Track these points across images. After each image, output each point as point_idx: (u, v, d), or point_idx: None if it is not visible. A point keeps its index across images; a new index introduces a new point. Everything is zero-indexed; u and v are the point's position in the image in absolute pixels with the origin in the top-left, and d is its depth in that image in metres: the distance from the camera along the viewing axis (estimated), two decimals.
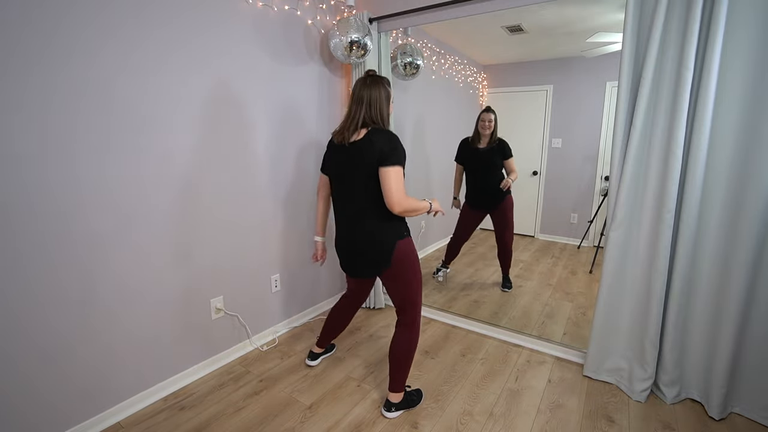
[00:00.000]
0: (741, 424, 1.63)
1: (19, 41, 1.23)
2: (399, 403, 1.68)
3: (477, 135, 2.85)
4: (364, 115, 1.48)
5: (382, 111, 1.50)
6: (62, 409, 1.46)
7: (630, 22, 1.58)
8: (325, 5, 2.33)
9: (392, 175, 1.40)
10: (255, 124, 2.03)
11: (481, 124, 2.81)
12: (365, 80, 1.51)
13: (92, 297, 1.51)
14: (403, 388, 1.67)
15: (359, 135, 1.48)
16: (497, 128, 2.80)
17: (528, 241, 3.72)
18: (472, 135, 2.88)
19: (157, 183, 1.65)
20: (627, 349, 1.83)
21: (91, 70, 1.41)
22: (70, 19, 1.34)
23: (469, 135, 2.90)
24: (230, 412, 1.69)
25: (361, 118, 1.48)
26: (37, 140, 1.30)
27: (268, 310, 2.27)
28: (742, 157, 1.50)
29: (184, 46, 1.67)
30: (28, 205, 1.31)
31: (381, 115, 1.50)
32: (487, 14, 2.01)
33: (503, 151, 2.78)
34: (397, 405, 1.67)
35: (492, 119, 2.77)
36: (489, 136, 2.80)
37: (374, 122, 1.49)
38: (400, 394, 1.67)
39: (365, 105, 1.48)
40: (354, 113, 1.50)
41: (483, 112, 2.80)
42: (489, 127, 2.78)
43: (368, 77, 1.51)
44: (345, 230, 1.59)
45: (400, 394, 1.67)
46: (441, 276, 3.12)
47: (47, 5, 1.28)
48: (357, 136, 1.48)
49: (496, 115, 2.79)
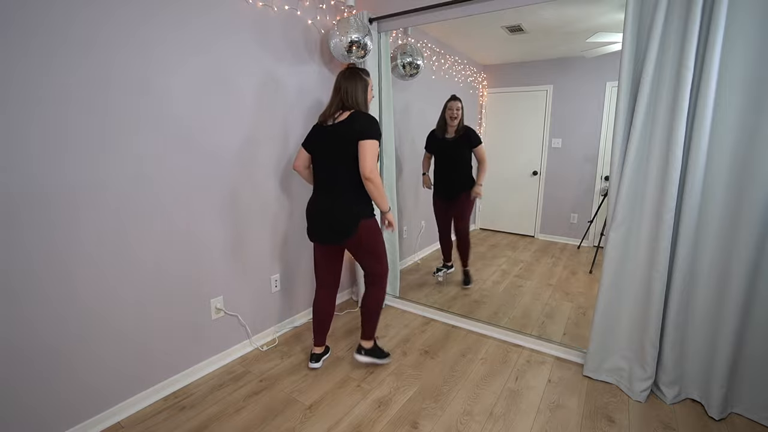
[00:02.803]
0: (741, 424, 1.63)
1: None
2: (369, 350, 1.96)
3: (444, 124, 2.79)
4: (342, 100, 1.73)
5: (358, 98, 1.74)
6: (62, 408, 1.46)
7: (630, 22, 1.58)
8: (325, 5, 2.33)
9: (368, 147, 1.65)
10: (255, 125, 2.03)
11: (448, 113, 2.75)
12: (344, 73, 1.76)
13: (92, 297, 1.51)
14: (372, 336, 1.96)
15: (342, 116, 1.72)
16: (464, 117, 2.76)
17: (528, 241, 3.71)
18: (437, 124, 2.82)
19: (158, 183, 1.66)
20: (627, 349, 1.83)
21: (73, 77, 1.41)
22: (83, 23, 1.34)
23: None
24: (230, 412, 1.69)
25: (338, 103, 1.73)
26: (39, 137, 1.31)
27: (268, 310, 2.27)
28: (742, 157, 1.50)
29: (182, 46, 1.67)
30: (34, 199, 1.31)
31: (357, 101, 1.73)
32: (487, 14, 2.01)
33: (469, 139, 2.72)
34: (366, 351, 1.95)
35: (459, 107, 2.73)
36: (456, 126, 2.74)
37: (350, 107, 1.72)
38: (371, 341, 1.96)
39: (342, 93, 1.73)
40: (333, 100, 1.76)
41: (450, 101, 2.75)
42: (456, 116, 2.73)
43: (347, 70, 1.76)
44: (321, 199, 1.77)
45: (370, 341, 1.96)
46: (441, 276, 3.12)
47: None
48: (340, 118, 1.72)
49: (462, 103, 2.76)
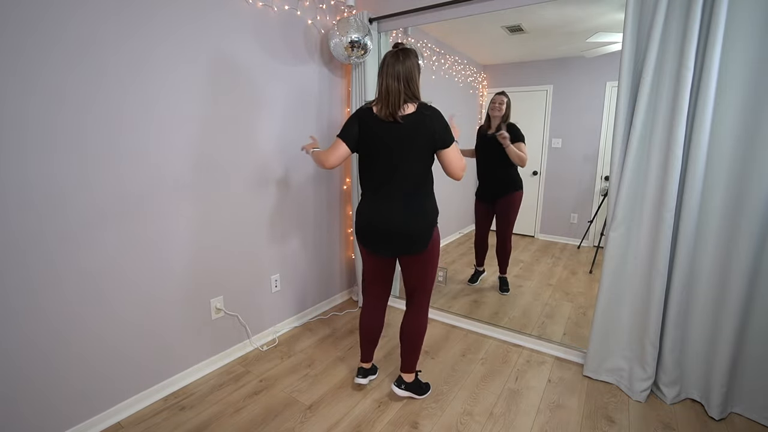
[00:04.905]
0: (741, 424, 1.63)
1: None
2: (409, 384, 1.74)
3: (488, 119, 2.73)
4: (404, 90, 1.45)
5: (418, 84, 1.50)
6: (62, 409, 1.46)
7: (630, 22, 1.58)
8: (325, 5, 2.33)
9: (456, 150, 1.50)
10: (255, 126, 2.03)
11: (491, 106, 2.67)
12: (397, 55, 1.46)
13: (91, 297, 1.51)
14: (415, 369, 1.74)
15: (408, 109, 1.47)
16: (509, 113, 2.64)
17: (528, 241, 3.71)
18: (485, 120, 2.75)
19: (159, 183, 1.65)
20: (627, 349, 1.83)
21: (70, 74, 1.41)
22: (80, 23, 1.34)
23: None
24: (230, 412, 1.69)
25: (402, 93, 1.45)
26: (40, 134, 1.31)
27: (268, 310, 2.27)
28: (742, 156, 1.50)
29: (182, 46, 1.67)
30: (26, 202, 1.31)
31: (418, 88, 1.50)
32: (487, 14, 2.01)
33: (513, 134, 2.57)
34: (407, 385, 1.74)
35: (504, 101, 2.62)
36: (499, 120, 2.64)
37: (415, 96, 1.49)
38: (412, 375, 1.75)
39: (403, 80, 1.45)
40: (393, 87, 1.45)
41: (495, 95, 2.67)
42: (500, 109, 2.63)
43: (403, 51, 1.47)
44: (390, 206, 1.52)
45: (412, 375, 1.74)
46: (441, 276, 3.12)
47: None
48: (406, 111, 1.47)
49: (509, 99, 2.64)
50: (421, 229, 1.52)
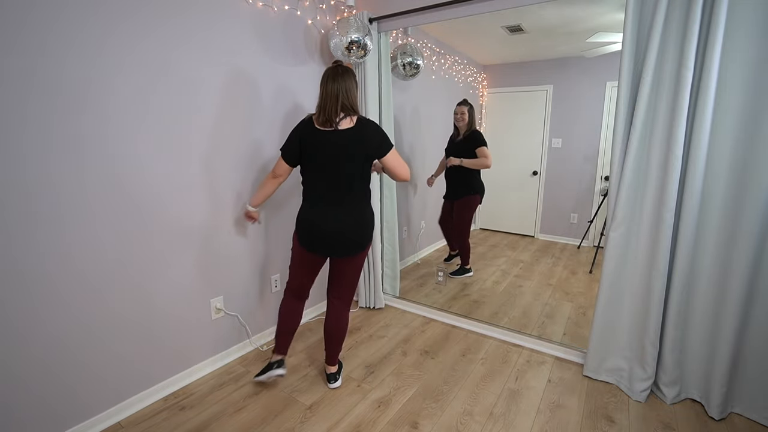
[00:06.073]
0: (741, 424, 1.63)
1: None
2: (338, 371, 1.90)
3: (455, 128, 2.98)
4: (343, 102, 1.57)
5: (356, 100, 1.63)
6: (62, 409, 1.46)
7: (630, 22, 1.58)
8: (325, 5, 2.33)
9: (396, 155, 1.63)
10: (254, 126, 2.03)
11: (455, 117, 2.92)
12: (336, 70, 1.60)
13: (91, 297, 1.51)
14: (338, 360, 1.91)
15: (346, 122, 1.58)
16: (473, 120, 2.87)
17: (528, 241, 3.72)
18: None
19: (159, 183, 1.65)
20: (627, 349, 1.83)
21: (88, 69, 1.41)
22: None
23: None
24: (230, 412, 1.69)
25: (340, 101, 1.57)
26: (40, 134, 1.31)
27: (268, 310, 2.27)
28: (742, 156, 1.50)
29: (180, 45, 1.67)
30: (25, 203, 1.31)
31: (356, 103, 1.63)
32: (487, 14, 2.01)
33: (473, 141, 2.84)
34: (336, 373, 1.89)
35: (464, 111, 2.85)
36: (464, 128, 2.88)
37: (353, 109, 1.60)
38: (335, 366, 1.90)
39: (342, 95, 1.57)
40: (330, 101, 1.57)
41: (456, 105, 2.90)
42: (462, 119, 2.87)
43: (339, 68, 1.61)
44: (330, 211, 1.63)
45: (336, 365, 1.90)
46: (441, 276, 3.12)
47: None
48: (345, 124, 1.58)
49: (471, 106, 2.86)
50: (364, 233, 1.68)
